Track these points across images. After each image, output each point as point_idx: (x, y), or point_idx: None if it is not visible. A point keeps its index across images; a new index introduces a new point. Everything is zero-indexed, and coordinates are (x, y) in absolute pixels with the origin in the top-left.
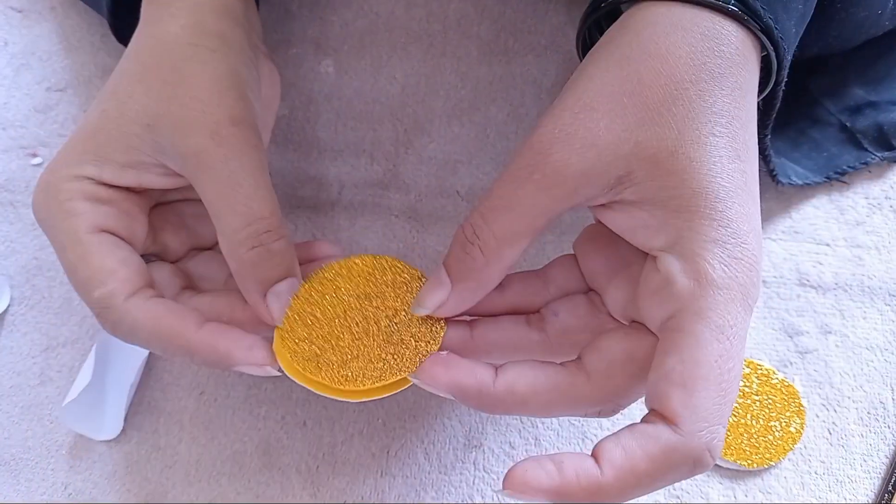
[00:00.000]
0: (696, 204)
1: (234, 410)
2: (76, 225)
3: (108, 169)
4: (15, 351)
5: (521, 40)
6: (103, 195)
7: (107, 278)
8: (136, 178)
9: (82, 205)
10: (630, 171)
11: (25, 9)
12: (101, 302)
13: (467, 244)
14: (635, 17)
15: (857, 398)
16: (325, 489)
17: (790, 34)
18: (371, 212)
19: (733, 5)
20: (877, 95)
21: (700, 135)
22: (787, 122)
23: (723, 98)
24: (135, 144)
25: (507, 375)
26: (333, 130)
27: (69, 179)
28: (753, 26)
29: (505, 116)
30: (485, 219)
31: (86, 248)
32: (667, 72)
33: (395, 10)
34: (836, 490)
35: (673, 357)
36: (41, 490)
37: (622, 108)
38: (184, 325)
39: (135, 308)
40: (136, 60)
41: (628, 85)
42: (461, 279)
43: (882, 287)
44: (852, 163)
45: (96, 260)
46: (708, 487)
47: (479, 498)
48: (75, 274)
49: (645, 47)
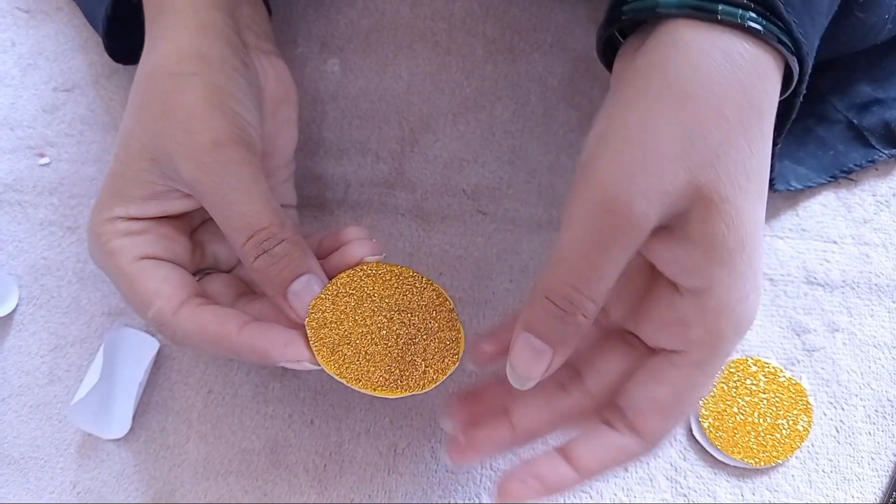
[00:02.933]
0: (736, 258)
1: (242, 409)
2: (119, 261)
3: (133, 206)
4: (23, 350)
5: (526, 38)
6: (136, 228)
7: (153, 299)
8: (159, 208)
9: (120, 241)
10: (686, 210)
11: (32, 9)
12: (156, 320)
13: (567, 316)
14: (686, 42)
15: (864, 396)
16: (332, 487)
17: (813, 48)
18: (377, 211)
19: (773, 29)
20: (884, 92)
21: (746, 182)
22: (794, 119)
23: (762, 139)
24: (147, 179)
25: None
26: (339, 129)
27: (104, 223)
28: (787, 52)
29: (510, 114)
30: (579, 289)
31: (131, 278)
32: (725, 114)
33: (400, 9)
34: (843, 488)
35: (665, 388)
36: (50, 489)
37: (686, 151)
38: (226, 328)
39: (183, 320)
40: (135, 95)
41: (692, 127)
42: (563, 344)
43: (889, 284)
44: (859, 160)
45: (141, 285)
46: (715, 486)
47: (486, 497)
48: (131, 302)
49: (705, 84)
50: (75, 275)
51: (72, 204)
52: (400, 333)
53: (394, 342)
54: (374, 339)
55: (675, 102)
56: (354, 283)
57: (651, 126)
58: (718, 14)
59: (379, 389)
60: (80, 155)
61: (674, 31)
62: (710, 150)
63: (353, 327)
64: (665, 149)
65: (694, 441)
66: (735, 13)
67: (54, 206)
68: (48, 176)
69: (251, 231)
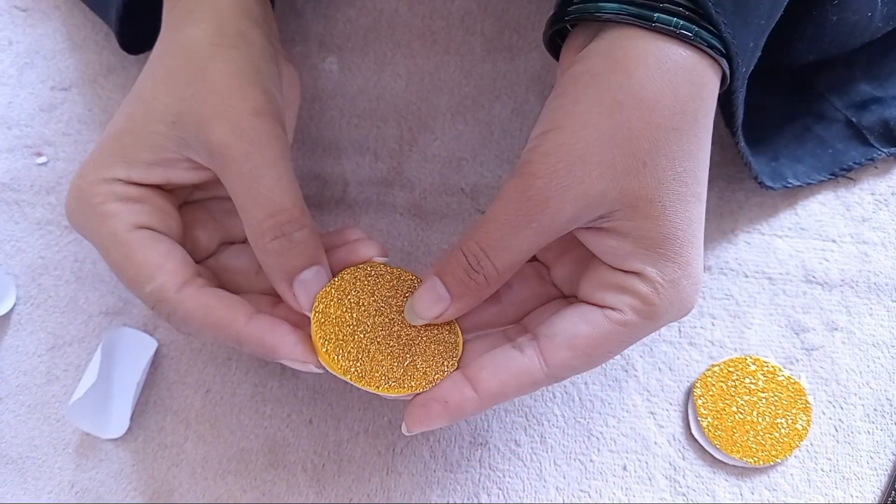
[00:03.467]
0: (665, 248)
1: (241, 408)
2: (114, 225)
3: (136, 168)
4: (21, 350)
5: (524, 37)
6: (135, 194)
7: (155, 273)
8: (163, 175)
9: (116, 206)
10: (612, 211)
11: (30, 8)
12: (154, 296)
13: (472, 272)
14: (622, 50)
15: (863, 395)
16: (330, 487)
17: (747, 48)
18: (375, 210)
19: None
20: (883, 91)
21: (675, 183)
22: (793, 118)
23: (696, 143)
24: (160, 143)
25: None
26: (337, 128)
27: (100, 183)
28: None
29: (509, 113)
30: (487, 254)
31: (128, 247)
32: (654, 121)
33: (398, 8)
34: (842, 487)
35: (587, 328)
36: (48, 488)
37: (612, 159)
38: (234, 316)
39: (187, 299)
40: (160, 64)
41: (619, 135)
42: (461, 297)
43: (888, 283)
44: (858, 159)
45: (140, 256)
46: (714, 485)
47: (485, 496)
48: (123, 272)
49: (636, 93)
50: (73, 274)
51: None
52: (401, 334)
53: (395, 342)
54: (377, 338)
55: (606, 111)
56: (358, 282)
57: (582, 133)
58: (654, 21)
59: (382, 388)
60: (77, 154)
61: (612, 39)
62: (636, 158)
63: (356, 325)
64: (591, 155)
65: (693, 440)
66: (669, 21)
67: (52, 205)
68: (45, 175)
69: (273, 210)
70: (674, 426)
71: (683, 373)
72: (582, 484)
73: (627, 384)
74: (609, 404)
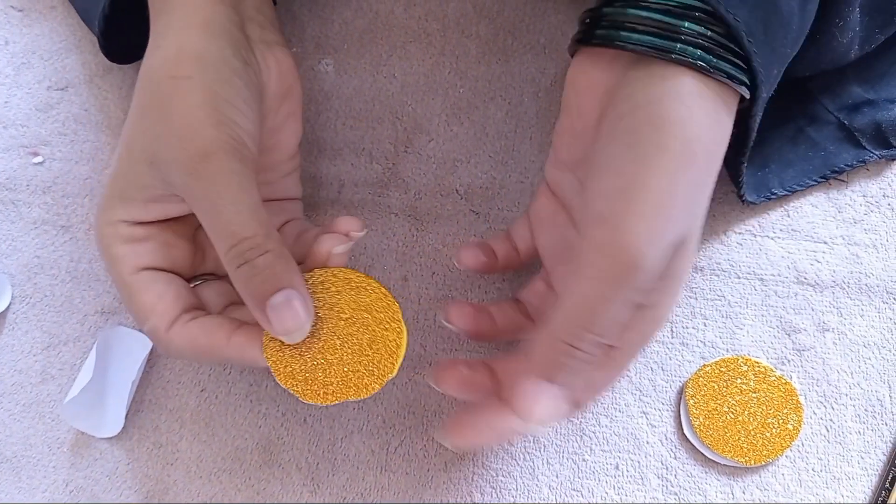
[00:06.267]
0: (678, 284)
1: (235, 407)
2: (120, 269)
3: (134, 208)
4: (16, 349)
5: (519, 39)
6: (138, 234)
7: (148, 315)
8: (161, 211)
9: (121, 248)
10: None
11: (26, 8)
12: (150, 334)
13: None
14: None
15: (854, 395)
16: (325, 486)
17: (772, 76)
18: (370, 210)
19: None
20: (875, 93)
21: (700, 222)
22: (786, 120)
23: (713, 177)
24: (147, 182)
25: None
26: (333, 129)
27: (107, 225)
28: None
29: (503, 115)
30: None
31: (130, 289)
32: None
33: (394, 10)
34: (833, 487)
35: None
36: (42, 487)
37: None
38: (214, 341)
39: (175, 336)
40: (136, 99)
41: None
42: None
43: (879, 285)
44: (850, 161)
45: (138, 298)
46: (706, 484)
47: (479, 495)
48: (130, 311)
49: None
50: (68, 273)
51: (65, 203)
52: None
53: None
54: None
55: (685, 162)
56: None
57: (673, 188)
58: (674, 53)
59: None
60: (73, 154)
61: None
62: (699, 207)
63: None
64: (679, 209)
65: (684, 440)
66: (692, 53)
67: (48, 204)
68: (42, 175)
69: (234, 240)
70: (666, 426)
71: (675, 373)
72: (574, 483)
73: (620, 384)
74: (601, 404)
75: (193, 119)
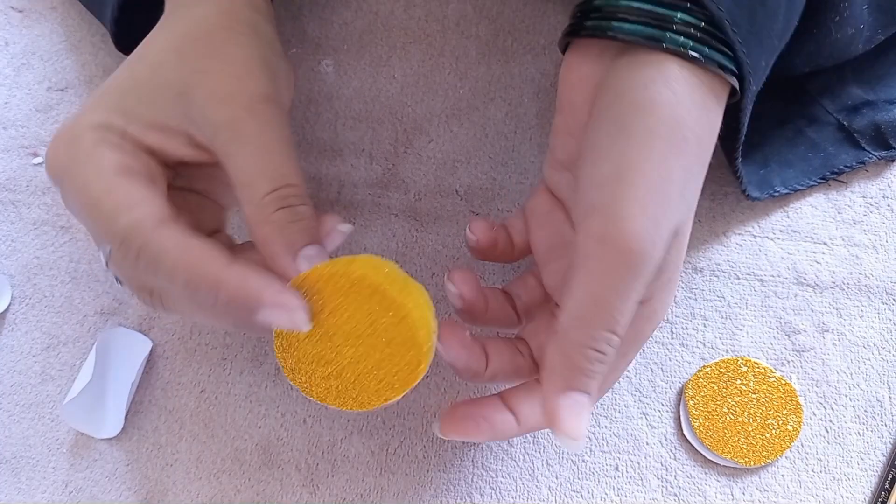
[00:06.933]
0: (674, 278)
1: (235, 408)
2: (103, 164)
3: (134, 125)
4: (16, 350)
5: (519, 40)
6: (127, 149)
7: (135, 206)
8: (159, 141)
9: (107, 150)
10: None
11: (26, 8)
12: (127, 229)
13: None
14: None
15: (854, 396)
16: (324, 487)
17: (759, 67)
18: (370, 211)
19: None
20: (874, 94)
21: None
22: (785, 121)
23: (705, 166)
24: (164, 108)
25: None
26: (333, 130)
27: (95, 128)
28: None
29: (503, 116)
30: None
31: (111, 182)
32: (704, 157)
33: (394, 11)
34: (832, 488)
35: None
36: (42, 488)
37: (682, 196)
38: (213, 257)
39: (164, 236)
40: (170, 32)
41: (688, 171)
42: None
43: (879, 285)
44: (850, 162)
45: (122, 191)
46: (705, 485)
47: (478, 496)
48: (98, 208)
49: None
50: (68, 274)
51: None
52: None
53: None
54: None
55: (675, 147)
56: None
57: (667, 174)
58: (665, 42)
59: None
60: None
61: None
62: (692, 196)
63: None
64: (674, 195)
65: (684, 441)
66: (683, 42)
67: (47, 205)
68: (41, 175)
69: (281, 182)
70: (665, 427)
71: (675, 374)
72: (574, 484)
73: (619, 385)
74: (601, 405)
75: (253, 66)
